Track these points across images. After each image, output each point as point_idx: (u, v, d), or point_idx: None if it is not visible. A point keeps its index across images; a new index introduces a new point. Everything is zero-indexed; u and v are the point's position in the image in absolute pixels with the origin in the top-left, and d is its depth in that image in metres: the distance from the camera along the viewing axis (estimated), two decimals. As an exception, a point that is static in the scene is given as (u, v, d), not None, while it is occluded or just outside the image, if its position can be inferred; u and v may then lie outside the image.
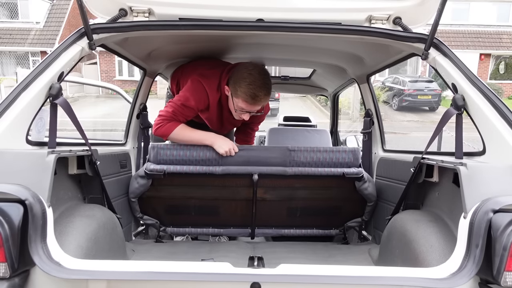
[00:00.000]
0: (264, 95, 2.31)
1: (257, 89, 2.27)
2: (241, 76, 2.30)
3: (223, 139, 2.38)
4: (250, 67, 2.33)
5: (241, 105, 2.36)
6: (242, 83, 2.28)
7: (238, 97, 2.34)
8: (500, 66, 25.07)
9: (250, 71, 2.30)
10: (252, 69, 2.31)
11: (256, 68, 2.33)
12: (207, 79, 2.48)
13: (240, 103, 2.35)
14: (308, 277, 1.41)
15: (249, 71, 2.30)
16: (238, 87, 2.30)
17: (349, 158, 2.45)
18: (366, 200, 2.67)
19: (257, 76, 2.28)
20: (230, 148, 2.35)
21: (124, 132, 2.96)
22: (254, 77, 2.28)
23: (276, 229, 2.80)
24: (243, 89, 2.28)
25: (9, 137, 1.64)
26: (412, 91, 20.56)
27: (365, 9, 2.05)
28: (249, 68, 2.32)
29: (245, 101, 2.32)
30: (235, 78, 2.33)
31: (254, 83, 2.27)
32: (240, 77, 2.30)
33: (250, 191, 2.58)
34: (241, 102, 2.34)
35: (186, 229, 2.79)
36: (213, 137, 2.38)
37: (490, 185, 1.50)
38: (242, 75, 2.30)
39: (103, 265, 1.44)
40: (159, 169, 2.40)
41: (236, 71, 2.38)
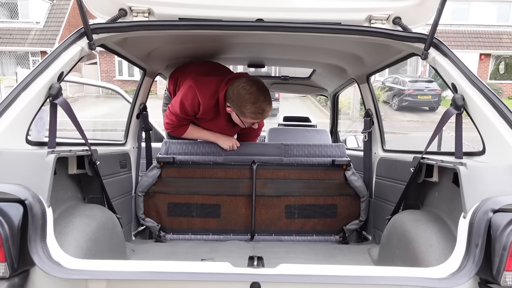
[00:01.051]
0: (269, 105, 2.48)
1: (263, 105, 2.43)
2: (243, 98, 2.41)
3: (226, 137, 2.73)
4: (248, 87, 2.41)
5: (250, 121, 2.54)
6: (247, 105, 2.41)
7: (246, 117, 2.48)
8: (500, 66, 25.07)
9: (249, 91, 2.40)
10: (250, 88, 2.40)
11: (254, 85, 2.43)
12: (201, 86, 2.55)
13: (249, 120, 2.52)
14: (307, 277, 1.41)
15: (248, 91, 2.40)
16: (244, 109, 2.43)
17: (336, 152, 2.79)
18: (359, 196, 2.84)
19: (258, 93, 2.41)
20: (232, 143, 2.70)
21: (124, 132, 2.96)
22: (256, 95, 2.40)
23: (276, 236, 2.84)
24: (251, 109, 2.42)
25: (9, 137, 1.64)
26: (412, 91, 20.56)
27: (365, 9, 2.05)
28: (247, 88, 2.41)
29: (255, 118, 2.50)
30: (237, 101, 2.43)
31: (258, 100, 2.41)
32: (242, 99, 2.41)
33: (250, 184, 2.76)
34: (250, 119, 2.51)
35: (186, 235, 2.84)
36: (217, 135, 2.74)
37: (489, 185, 1.50)
38: (243, 97, 2.41)
39: (102, 265, 1.44)
40: (169, 156, 2.71)
41: (235, 92, 2.44)
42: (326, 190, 2.81)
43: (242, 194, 2.79)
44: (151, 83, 3.18)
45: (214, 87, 2.56)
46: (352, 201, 2.86)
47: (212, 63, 2.98)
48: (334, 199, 2.84)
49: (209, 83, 2.57)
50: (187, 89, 2.58)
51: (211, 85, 2.56)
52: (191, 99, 2.56)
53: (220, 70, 2.85)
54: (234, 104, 2.47)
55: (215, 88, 2.56)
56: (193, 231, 2.84)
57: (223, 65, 3.00)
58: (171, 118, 2.68)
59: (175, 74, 2.96)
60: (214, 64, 2.95)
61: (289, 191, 2.80)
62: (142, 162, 3.13)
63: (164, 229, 2.84)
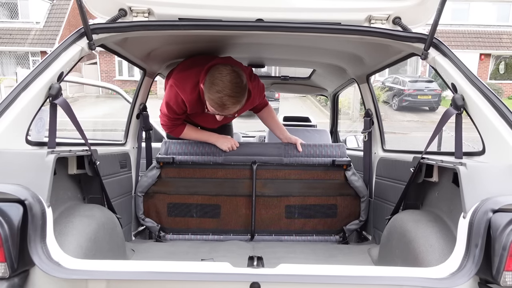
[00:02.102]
0: (232, 104, 2.25)
1: (225, 98, 2.21)
2: (213, 82, 2.22)
3: (224, 138, 2.70)
4: (224, 72, 2.23)
5: (210, 108, 2.35)
6: (212, 89, 2.22)
7: (208, 101, 2.30)
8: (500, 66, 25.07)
9: (222, 77, 2.21)
10: (225, 75, 2.22)
11: (230, 74, 2.23)
12: (180, 83, 2.47)
13: (209, 106, 2.34)
14: (307, 277, 1.41)
15: (221, 76, 2.22)
16: (208, 92, 2.25)
17: (337, 152, 2.78)
18: (359, 196, 2.83)
19: (228, 84, 2.20)
20: (232, 144, 2.68)
21: (124, 132, 2.96)
22: (225, 84, 2.20)
23: (276, 236, 2.84)
24: (212, 95, 2.23)
25: (8, 137, 1.64)
26: (412, 91, 20.57)
27: (365, 9, 2.05)
28: (222, 73, 2.22)
29: (212, 106, 2.30)
30: (208, 82, 2.26)
31: (223, 91, 2.20)
32: (211, 82, 2.23)
33: (250, 185, 2.75)
34: (210, 105, 2.33)
35: (186, 235, 2.84)
36: (216, 137, 2.71)
37: (489, 185, 1.50)
38: (214, 81, 2.22)
39: (102, 265, 1.44)
40: (168, 156, 2.72)
41: (210, 73, 2.28)
42: (326, 190, 2.81)
43: (242, 194, 2.78)
44: (151, 83, 3.18)
45: (194, 79, 2.42)
46: (352, 201, 2.86)
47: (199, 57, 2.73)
48: (334, 199, 2.84)
49: (188, 77, 2.45)
50: (168, 88, 2.56)
51: (191, 78, 2.43)
52: (174, 97, 2.49)
53: (203, 60, 2.54)
54: (206, 84, 2.27)
55: (195, 80, 2.41)
56: (193, 231, 2.84)
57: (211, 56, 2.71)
58: (163, 119, 2.67)
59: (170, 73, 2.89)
60: (200, 57, 2.71)
61: (289, 191, 2.80)
62: (142, 162, 3.13)
63: (164, 229, 2.84)
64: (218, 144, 2.69)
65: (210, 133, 2.73)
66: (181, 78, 2.49)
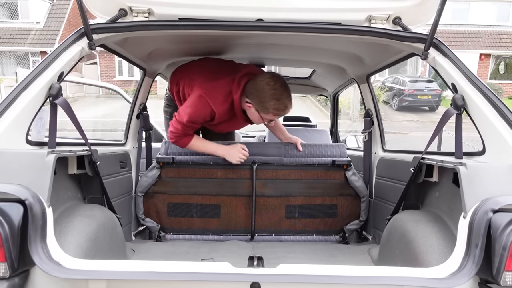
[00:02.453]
0: (291, 102, 2.47)
1: (285, 101, 2.40)
2: (267, 94, 2.36)
3: (232, 149, 2.60)
4: (272, 83, 2.37)
5: (271, 117, 2.49)
6: (270, 100, 2.37)
7: (268, 112, 2.43)
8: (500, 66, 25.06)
9: (273, 87, 2.36)
10: (274, 84, 2.37)
11: (278, 81, 2.40)
12: (212, 93, 2.46)
13: (270, 116, 2.47)
14: (307, 277, 1.41)
15: (273, 87, 2.36)
16: (268, 105, 2.39)
17: (337, 152, 2.78)
18: (359, 196, 2.82)
19: (282, 90, 2.38)
20: (241, 156, 2.59)
21: (124, 132, 2.96)
22: (280, 91, 2.37)
23: (276, 236, 2.84)
24: (274, 105, 2.38)
25: (9, 137, 1.64)
26: (412, 91, 20.56)
27: (365, 9, 2.05)
28: (271, 84, 2.37)
29: (276, 115, 2.47)
30: (262, 97, 2.38)
31: (281, 97, 2.37)
32: (266, 95, 2.37)
33: (250, 185, 2.74)
34: (272, 115, 2.46)
35: (186, 235, 2.84)
36: (223, 149, 2.61)
37: (489, 185, 1.50)
38: (268, 93, 2.36)
39: (103, 265, 1.44)
40: (168, 157, 2.70)
41: (258, 88, 2.39)
42: (327, 190, 2.81)
43: (242, 194, 2.78)
44: (151, 83, 3.18)
45: (226, 90, 2.47)
46: (353, 201, 2.86)
47: (214, 62, 2.82)
48: (335, 199, 2.84)
49: (220, 87, 2.47)
50: (196, 98, 2.46)
51: (222, 88, 2.47)
52: (203, 108, 2.45)
53: (225, 68, 2.67)
54: (257, 100, 2.40)
55: (228, 90, 2.47)
56: (193, 231, 2.84)
57: (226, 60, 2.84)
58: (176, 126, 2.50)
59: (176, 75, 2.86)
60: (217, 63, 2.79)
61: (290, 191, 2.80)
62: (142, 162, 3.13)
63: (164, 229, 2.84)
64: (228, 157, 2.59)
65: (217, 145, 2.62)
66: (211, 89, 2.46)
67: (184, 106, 2.51)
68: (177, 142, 2.55)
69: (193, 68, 2.76)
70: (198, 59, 2.87)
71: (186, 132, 2.52)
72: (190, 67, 2.79)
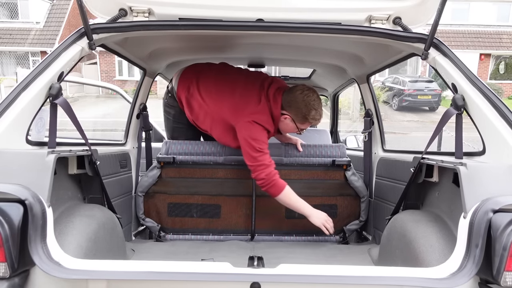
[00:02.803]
0: (321, 108, 2.59)
1: (321, 111, 2.58)
2: (309, 105, 2.50)
3: (320, 214, 2.56)
4: (310, 94, 2.51)
5: (306, 126, 2.63)
6: (311, 111, 2.51)
7: (306, 122, 2.57)
8: (500, 66, 25.06)
9: (312, 98, 2.51)
10: (312, 96, 2.52)
11: (314, 93, 2.55)
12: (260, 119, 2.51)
13: (307, 125, 2.61)
14: (308, 277, 1.41)
15: (312, 98, 2.51)
16: (308, 115, 2.52)
17: (337, 152, 2.79)
18: (359, 196, 2.83)
19: (318, 100, 2.55)
20: (324, 223, 2.53)
21: (124, 132, 2.96)
22: (317, 102, 2.54)
23: (276, 236, 2.84)
24: (314, 115, 2.53)
25: (9, 137, 1.64)
26: (412, 91, 20.55)
27: (365, 9, 2.05)
28: (310, 96, 2.51)
29: (313, 123, 2.60)
30: (300, 108, 2.51)
31: (319, 107, 2.54)
32: (308, 106, 2.50)
33: (250, 185, 2.74)
34: (308, 124, 2.60)
35: (186, 235, 2.84)
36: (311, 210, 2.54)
37: (490, 185, 1.50)
38: (309, 104, 2.50)
39: (103, 265, 1.44)
40: (169, 156, 2.70)
41: (299, 100, 2.51)
42: (327, 190, 2.81)
43: (243, 194, 2.78)
44: (151, 83, 3.18)
45: (266, 108, 2.54)
46: (353, 201, 2.86)
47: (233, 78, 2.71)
48: (335, 199, 2.84)
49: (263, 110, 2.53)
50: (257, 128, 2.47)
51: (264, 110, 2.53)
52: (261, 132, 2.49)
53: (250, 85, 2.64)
54: (298, 112, 2.52)
55: (266, 108, 2.54)
56: (193, 231, 2.84)
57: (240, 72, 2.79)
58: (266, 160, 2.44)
59: (186, 80, 2.71)
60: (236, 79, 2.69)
61: None
62: (142, 162, 3.13)
63: (164, 229, 2.84)
64: (312, 218, 2.52)
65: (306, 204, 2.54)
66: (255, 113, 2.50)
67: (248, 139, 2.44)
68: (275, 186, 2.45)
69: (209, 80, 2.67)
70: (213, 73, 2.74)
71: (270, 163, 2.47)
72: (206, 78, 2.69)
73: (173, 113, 2.88)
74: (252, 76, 2.76)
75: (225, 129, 2.60)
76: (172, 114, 2.90)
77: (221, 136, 2.65)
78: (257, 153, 2.43)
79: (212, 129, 2.66)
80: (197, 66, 2.83)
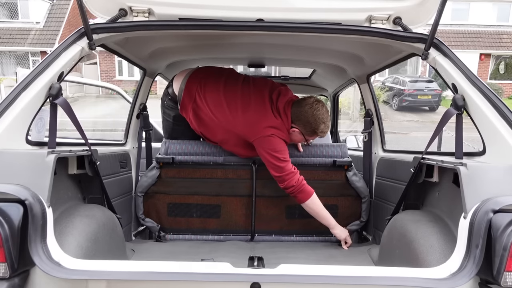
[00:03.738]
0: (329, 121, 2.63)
1: (329, 123, 2.61)
2: (318, 118, 2.54)
3: (341, 228, 2.66)
4: (320, 108, 2.55)
5: (313, 138, 2.66)
6: (320, 125, 2.56)
7: (314, 135, 2.61)
8: (500, 66, 25.06)
9: (321, 111, 2.55)
10: (321, 109, 2.56)
11: (323, 106, 2.58)
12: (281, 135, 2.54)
13: (315, 137, 2.64)
14: (308, 277, 1.41)
15: (321, 112, 2.55)
16: (317, 129, 2.56)
17: (338, 152, 2.77)
18: (360, 196, 2.82)
19: (326, 113, 2.58)
20: (346, 236, 2.65)
21: (124, 132, 2.96)
22: (326, 115, 2.57)
23: (276, 236, 2.83)
24: (323, 128, 2.57)
25: (9, 137, 1.64)
26: (412, 91, 20.56)
27: (365, 9, 2.05)
28: (319, 109, 2.55)
29: (321, 135, 2.63)
30: (310, 122, 2.54)
31: (327, 120, 2.58)
32: (317, 120, 2.54)
33: (250, 185, 2.74)
34: (316, 136, 2.63)
35: (186, 235, 2.84)
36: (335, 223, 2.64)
37: (490, 185, 1.50)
38: (319, 117, 2.54)
39: (103, 265, 1.44)
40: (168, 157, 2.70)
41: (306, 115, 2.54)
42: (327, 191, 2.80)
43: (242, 195, 2.78)
44: (151, 83, 3.18)
45: (279, 123, 2.56)
46: (353, 202, 2.85)
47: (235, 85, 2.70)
48: (335, 199, 2.83)
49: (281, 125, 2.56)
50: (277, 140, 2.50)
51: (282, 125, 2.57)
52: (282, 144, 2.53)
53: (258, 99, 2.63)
54: (307, 125, 2.56)
55: (280, 123, 2.56)
56: (193, 231, 2.84)
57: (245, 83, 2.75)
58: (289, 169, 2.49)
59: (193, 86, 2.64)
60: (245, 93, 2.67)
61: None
62: (142, 162, 3.13)
63: (164, 229, 2.84)
64: (336, 230, 2.63)
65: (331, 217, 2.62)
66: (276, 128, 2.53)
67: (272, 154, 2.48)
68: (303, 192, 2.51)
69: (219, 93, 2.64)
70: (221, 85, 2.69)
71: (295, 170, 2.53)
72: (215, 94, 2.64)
73: (173, 115, 2.85)
74: (258, 85, 2.73)
75: (237, 143, 2.62)
76: (172, 116, 2.87)
77: (232, 148, 2.67)
78: (283, 163, 2.49)
79: (223, 142, 2.66)
80: (200, 73, 2.73)
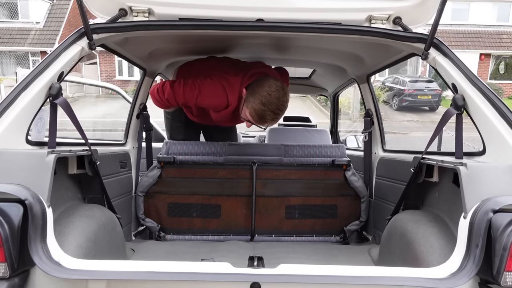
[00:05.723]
0: (271, 119, 2.31)
1: (267, 112, 2.27)
2: (260, 92, 2.26)
3: None
4: (273, 87, 2.27)
5: (247, 115, 2.38)
6: (256, 99, 2.26)
7: (247, 108, 2.33)
8: (500, 66, 25.07)
9: (271, 91, 2.25)
10: (274, 90, 2.26)
11: (278, 91, 2.27)
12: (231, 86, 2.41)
13: (247, 113, 2.36)
14: (308, 277, 1.41)
15: (270, 90, 2.25)
16: (252, 100, 2.28)
17: (336, 152, 2.79)
18: (359, 196, 2.83)
19: (274, 101, 2.25)
20: None
21: (124, 132, 2.96)
22: (271, 99, 2.25)
23: (276, 236, 2.84)
24: (255, 105, 2.27)
25: (9, 137, 1.64)
26: (412, 91, 20.58)
27: (365, 9, 2.05)
28: (271, 88, 2.26)
29: (251, 115, 2.34)
30: (254, 90, 2.29)
31: (267, 105, 2.25)
32: (258, 92, 2.27)
33: (250, 185, 2.75)
34: (248, 113, 2.35)
35: (186, 235, 2.84)
36: None
37: (490, 185, 1.50)
38: (261, 92, 2.26)
39: (103, 265, 1.44)
40: (169, 156, 2.71)
41: (258, 83, 2.32)
42: (326, 191, 2.81)
43: (242, 195, 2.78)
44: (151, 83, 3.18)
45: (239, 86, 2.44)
46: (353, 202, 2.85)
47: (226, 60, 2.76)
48: (335, 199, 2.84)
49: (236, 82, 2.43)
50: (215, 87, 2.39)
51: (237, 83, 2.43)
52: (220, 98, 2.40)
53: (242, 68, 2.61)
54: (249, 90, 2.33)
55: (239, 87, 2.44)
56: (193, 231, 2.84)
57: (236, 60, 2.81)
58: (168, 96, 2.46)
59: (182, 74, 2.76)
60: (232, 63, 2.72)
61: (289, 192, 2.80)
62: (143, 162, 3.13)
63: (164, 229, 2.84)
64: None
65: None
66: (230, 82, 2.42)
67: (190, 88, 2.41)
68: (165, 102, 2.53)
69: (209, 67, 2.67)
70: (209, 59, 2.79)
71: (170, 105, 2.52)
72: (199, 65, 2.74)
73: (172, 111, 2.95)
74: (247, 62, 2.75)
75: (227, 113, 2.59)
76: (171, 113, 2.96)
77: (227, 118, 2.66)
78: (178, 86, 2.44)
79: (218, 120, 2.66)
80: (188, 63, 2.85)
